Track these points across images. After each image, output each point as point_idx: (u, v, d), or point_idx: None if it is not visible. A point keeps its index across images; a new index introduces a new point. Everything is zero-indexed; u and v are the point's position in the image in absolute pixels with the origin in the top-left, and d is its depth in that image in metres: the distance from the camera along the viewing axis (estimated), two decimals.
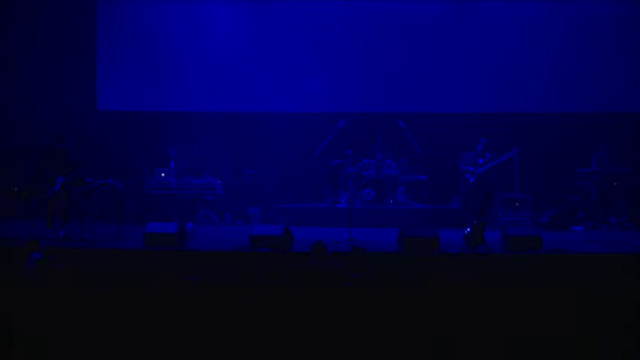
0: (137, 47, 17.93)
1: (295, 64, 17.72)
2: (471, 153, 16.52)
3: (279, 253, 12.58)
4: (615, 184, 16.10)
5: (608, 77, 17.28)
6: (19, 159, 16.71)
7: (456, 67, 17.61)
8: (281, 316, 7.99)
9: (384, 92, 17.79)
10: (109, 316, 7.89)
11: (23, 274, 10.47)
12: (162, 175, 16.61)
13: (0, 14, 17.79)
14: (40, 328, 7.69)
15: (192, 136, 17.31)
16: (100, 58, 18.08)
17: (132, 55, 17.95)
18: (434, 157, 17.24)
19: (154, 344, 7.48)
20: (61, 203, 14.14)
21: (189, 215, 16.13)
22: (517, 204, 15.74)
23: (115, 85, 18.06)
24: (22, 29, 17.72)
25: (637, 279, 10.63)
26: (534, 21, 17.46)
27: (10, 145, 17.33)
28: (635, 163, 16.38)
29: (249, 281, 10.54)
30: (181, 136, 17.29)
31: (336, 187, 17.28)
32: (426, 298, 8.78)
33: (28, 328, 7.69)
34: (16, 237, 13.32)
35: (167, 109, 17.89)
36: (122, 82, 18.01)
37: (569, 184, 16.62)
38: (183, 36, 17.83)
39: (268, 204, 16.90)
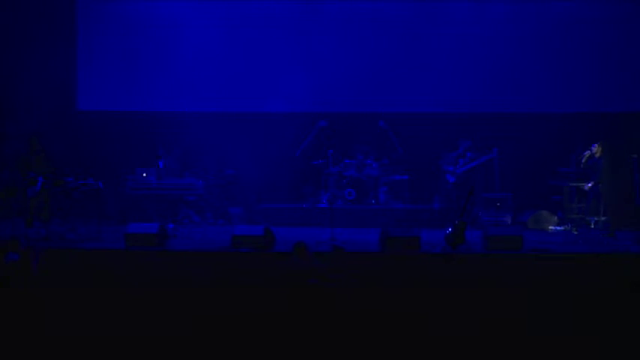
0: (118, 47, 17.88)
1: (277, 64, 17.72)
2: (452, 153, 16.59)
3: (261, 253, 12.56)
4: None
5: (590, 78, 17.38)
6: None
7: (438, 68, 17.64)
8: (262, 315, 8.00)
9: (366, 92, 17.79)
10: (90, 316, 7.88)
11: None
12: (144, 175, 16.56)
13: None
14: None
15: (173, 136, 17.27)
16: (81, 57, 18.01)
17: (112, 54, 17.89)
18: (416, 157, 17.29)
19: (136, 343, 7.47)
20: (42, 203, 14.09)
21: (170, 215, 16.10)
22: (498, 204, 15.80)
23: (95, 85, 18.00)
24: (1, 29, 17.62)
25: (618, 279, 10.69)
26: (515, 22, 17.52)
27: None
28: (617, 164, 16.44)
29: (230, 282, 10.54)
30: (163, 137, 17.24)
31: (318, 187, 17.29)
32: (406, 299, 8.82)
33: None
34: None
35: (148, 109, 17.85)
36: (102, 81, 17.95)
37: (550, 184, 16.69)
38: (164, 36, 17.79)
39: (250, 204, 16.89)
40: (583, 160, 15.03)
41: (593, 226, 15.65)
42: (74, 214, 14.89)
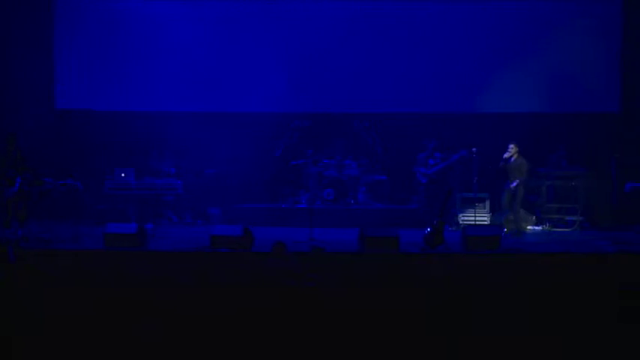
0: (96, 46, 17.80)
1: (257, 64, 17.69)
2: (421, 154, 16.68)
3: (240, 253, 12.58)
4: (573, 184, 16.33)
5: (569, 78, 17.45)
6: None
7: (417, 68, 17.70)
8: (241, 315, 8.02)
9: (345, 93, 17.78)
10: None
11: None
12: (123, 175, 16.54)
13: None
14: None
15: (152, 136, 17.25)
16: (58, 56, 17.96)
17: (91, 53, 17.82)
18: (395, 157, 17.35)
19: (115, 343, 7.49)
20: (20, 204, 14.03)
21: (149, 215, 16.09)
22: (476, 204, 15.91)
23: (73, 84, 17.93)
24: None
25: (594, 278, 10.78)
26: (492, 23, 17.60)
27: None
28: (594, 163, 16.59)
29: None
30: (142, 136, 17.22)
31: (298, 187, 17.31)
32: (384, 299, 8.86)
33: None
34: None
35: (127, 108, 17.80)
36: (81, 80, 17.88)
37: (528, 184, 16.78)
38: (143, 35, 17.75)
39: (229, 204, 16.89)
40: (503, 162, 15.18)
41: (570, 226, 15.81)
42: (53, 215, 14.87)
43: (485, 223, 15.76)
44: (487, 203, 16.09)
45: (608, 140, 17.10)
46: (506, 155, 15.28)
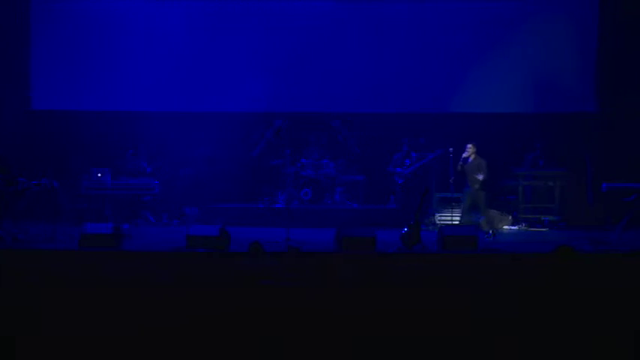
0: (71, 46, 17.78)
1: (234, 64, 17.70)
2: (397, 154, 16.71)
3: (216, 253, 12.56)
4: (550, 183, 16.43)
5: (545, 78, 17.54)
6: None
7: (394, 69, 17.76)
8: (218, 315, 8.01)
9: (323, 93, 17.83)
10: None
11: None
12: (99, 175, 16.48)
13: None
14: None
15: (129, 136, 17.21)
16: (34, 57, 17.89)
17: (66, 54, 17.78)
18: (372, 157, 17.41)
19: (90, 344, 7.46)
20: None
21: (126, 216, 16.05)
22: (453, 203, 15.94)
23: (49, 85, 17.88)
24: None
25: (570, 278, 10.83)
26: (468, 23, 17.66)
27: None
28: (571, 163, 16.68)
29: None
30: (119, 136, 17.18)
31: (275, 187, 17.32)
32: (361, 299, 8.87)
33: None
34: None
35: (103, 108, 17.76)
36: (57, 81, 17.83)
37: (504, 184, 16.87)
38: (120, 35, 17.73)
39: (206, 204, 16.87)
40: (461, 162, 15.15)
41: (546, 226, 15.87)
42: (29, 215, 14.78)
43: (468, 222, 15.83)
44: (464, 203, 16.13)
45: (584, 140, 17.21)
46: (464, 155, 15.21)
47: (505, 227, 16.14)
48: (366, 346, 7.42)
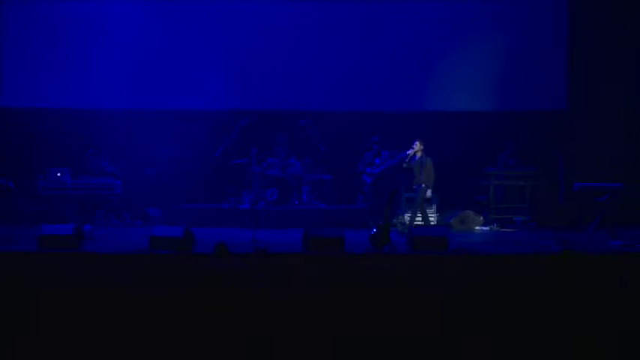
0: (30, 44, 17.60)
1: (198, 61, 17.59)
2: (368, 153, 16.68)
3: (180, 255, 12.48)
4: (521, 183, 16.49)
5: (516, 76, 17.59)
6: None
7: (363, 66, 17.74)
8: (181, 318, 7.97)
9: (289, 90, 17.78)
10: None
11: None
12: (58, 174, 16.32)
13: None
14: None
15: (90, 134, 17.06)
16: None
17: (24, 52, 17.61)
18: (340, 156, 17.37)
19: (49, 346, 7.39)
20: None
21: (86, 216, 15.91)
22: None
23: (4, 82, 17.69)
24: None
25: (541, 279, 10.87)
26: (438, 20, 17.69)
27: None
28: (542, 162, 16.73)
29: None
30: (79, 135, 17.03)
31: (240, 187, 17.25)
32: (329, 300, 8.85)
33: None
34: None
35: (63, 106, 17.59)
36: (13, 78, 17.66)
37: (475, 184, 16.92)
38: (80, 33, 17.58)
39: (169, 204, 16.77)
40: (407, 160, 15.00)
41: (518, 226, 15.92)
42: None
43: (433, 223, 15.83)
44: (434, 203, 16.17)
45: (556, 138, 17.28)
46: (409, 152, 14.97)
47: (477, 228, 16.19)
48: (336, 346, 7.40)
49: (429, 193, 14.90)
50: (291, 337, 7.60)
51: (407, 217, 15.54)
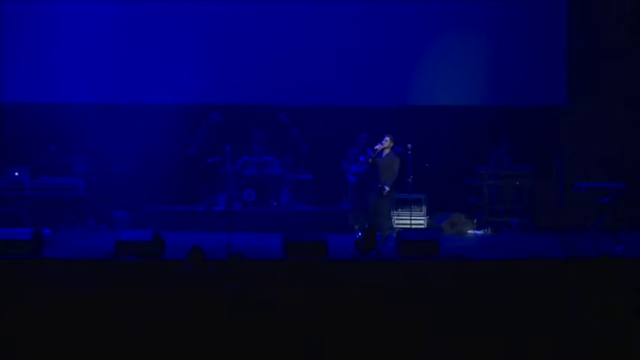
0: None
1: (168, 51, 17.56)
2: (352, 150, 16.66)
3: (149, 262, 12.43)
4: (517, 183, 16.50)
5: (511, 68, 17.63)
6: None
7: (346, 58, 17.75)
8: (151, 329, 7.94)
9: (267, 83, 17.74)
10: None
11: None
12: (16, 174, 16.23)
13: None
14: None
15: (51, 130, 17.00)
16: None
17: None
18: (322, 154, 17.33)
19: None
20: None
21: (47, 219, 15.83)
22: (412, 205, 15.92)
23: None
24: None
25: (539, 287, 10.87)
26: (429, 11, 17.72)
27: None
28: (539, 161, 16.75)
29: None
30: (40, 131, 16.97)
31: (214, 187, 17.20)
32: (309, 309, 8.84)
33: None
34: None
35: (22, 100, 17.53)
36: None
37: (468, 184, 16.93)
38: (43, 25, 17.58)
39: (137, 206, 16.73)
40: (373, 155, 14.78)
41: (514, 230, 15.95)
42: None
43: (422, 226, 15.84)
44: (424, 205, 16.18)
45: (554, 135, 17.33)
46: (377, 147, 14.74)
47: (469, 231, 16.20)
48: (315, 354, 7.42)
49: (386, 188, 14.71)
50: (268, 351, 7.59)
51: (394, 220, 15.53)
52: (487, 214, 16.57)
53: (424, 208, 16.20)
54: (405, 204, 16.13)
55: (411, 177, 15.03)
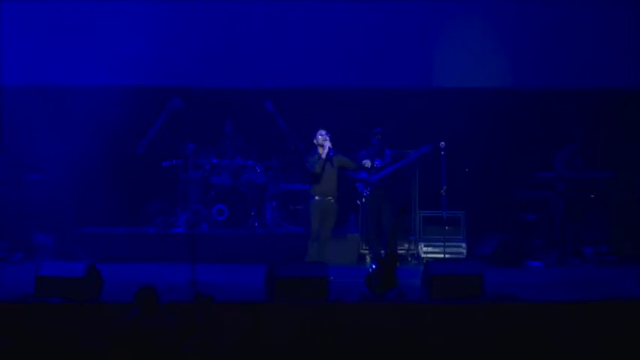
0: None
1: (111, 19, 17.67)
2: (364, 151, 16.53)
3: (81, 305, 12.34)
4: (592, 196, 16.37)
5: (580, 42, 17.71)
6: None
7: (354, 24, 17.95)
8: None
9: (248, 59, 17.90)
10: None
11: None
12: None
13: None
14: None
15: None
16: None
17: None
18: None
19: None
20: None
21: None
22: (446, 227, 15.82)
23: None
24: None
25: (625, 339, 10.86)
26: None
27: None
28: (621, 163, 16.72)
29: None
30: None
31: (172, 201, 17.21)
32: None
33: None
34: None
35: None
36: None
37: (522, 197, 16.84)
38: None
39: (65, 228, 16.69)
40: (324, 157, 14.82)
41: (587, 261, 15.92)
42: None
43: (461, 255, 15.78)
44: (462, 226, 16.13)
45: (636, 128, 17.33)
46: (328, 145, 14.91)
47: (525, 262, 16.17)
48: None
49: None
50: None
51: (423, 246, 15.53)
52: (550, 238, 16.46)
53: (462, 231, 16.10)
54: (436, 224, 16.04)
55: (445, 187, 14.99)
